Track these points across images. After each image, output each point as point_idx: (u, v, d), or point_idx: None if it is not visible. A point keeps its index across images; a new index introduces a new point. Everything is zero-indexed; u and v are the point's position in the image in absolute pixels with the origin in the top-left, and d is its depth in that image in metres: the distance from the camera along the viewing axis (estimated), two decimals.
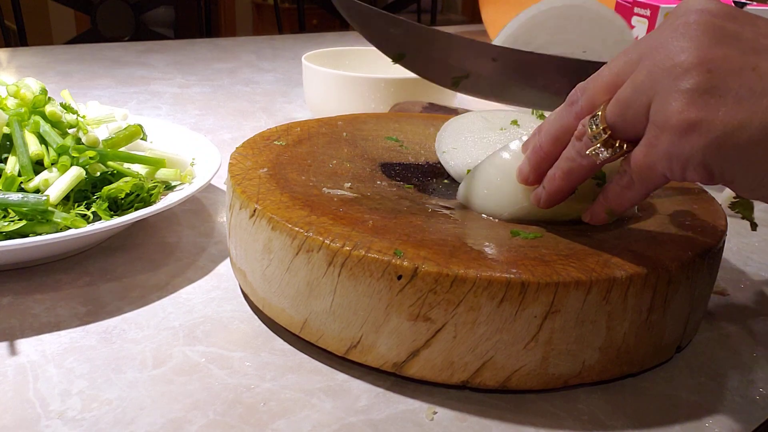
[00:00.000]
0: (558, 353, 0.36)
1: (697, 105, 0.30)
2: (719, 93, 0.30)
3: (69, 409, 0.35)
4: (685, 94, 0.30)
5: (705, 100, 0.30)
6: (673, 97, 0.31)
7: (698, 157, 0.31)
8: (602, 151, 0.35)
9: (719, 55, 0.30)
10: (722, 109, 0.30)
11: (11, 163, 0.50)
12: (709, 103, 0.30)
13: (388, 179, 0.47)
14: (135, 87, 1.03)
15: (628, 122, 0.33)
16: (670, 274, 0.37)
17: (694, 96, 0.30)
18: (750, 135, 0.29)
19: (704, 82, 0.30)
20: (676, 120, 0.31)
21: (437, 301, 0.35)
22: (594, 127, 0.35)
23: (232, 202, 0.43)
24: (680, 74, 0.31)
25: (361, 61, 0.92)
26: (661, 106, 0.31)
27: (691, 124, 0.30)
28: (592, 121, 0.35)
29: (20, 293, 0.46)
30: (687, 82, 0.30)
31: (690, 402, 0.38)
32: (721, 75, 0.30)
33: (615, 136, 0.34)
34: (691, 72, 0.30)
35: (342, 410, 0.36)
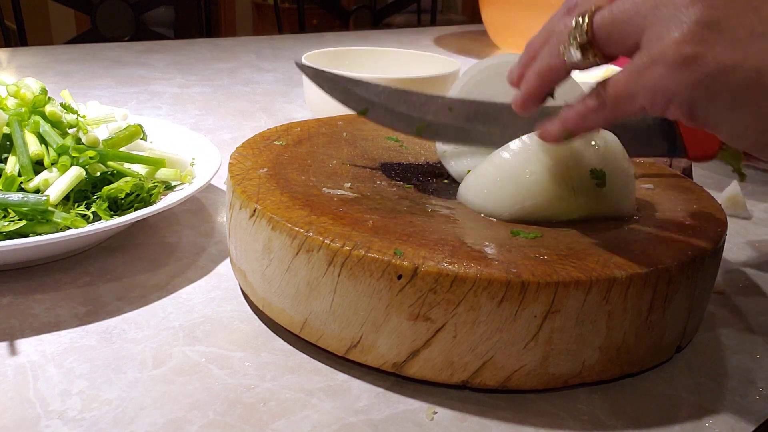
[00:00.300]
0: (558, 353, 0.36)
1: (695, 38, 0.29)
2: (719, 29, 0.29)
3: (69, 409, 0.35)
4: (685, 25, 0.30)
5: (704, 34, 0.29)
6: (673, 27, 0.30)
7: (686, 93, 0.30)
8: (575, 52, 0.33)
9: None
10: (718, 47, 0.29)
11: (11, 163, 0.50)
12: (707, 38, 0.29)
13: (388, 179, 0.47)
14: (135, 87, 1.03)
15: (614, 37, 0.32)
16: (670, 274, 0.37)
17: (694, 28, 0.30)
18: (741, 77, 0.29)
19: (705, 15, 0.29)
20: (671, 52, 0.30)
21: (437, 301, 0.35)
22: (578, 28, 0.33)
23: (232, 202, 0.43)
24: (684, 5, 0.30)
25: (361, 61, 0.92)
26: (658, 35, 0.30)
27: (686, 57, 0.30)
28: (577, 21, 0.33)
29: (20, 293, 0.46)
30: (689, 14, 0.30)
31: (690, 402, 0.38)
32: (724, 11, 0.29)
33: (595, 44, 0.33)
34: (694, 3, 0.30)
35: (342, 410, 0.36)
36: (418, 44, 1.55)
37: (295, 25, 1.99)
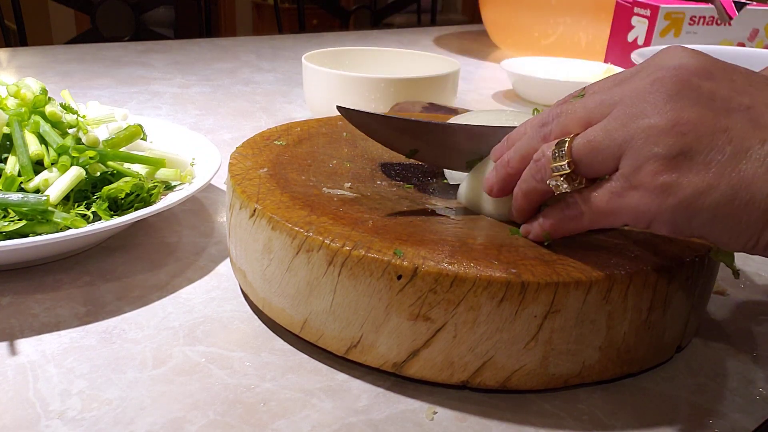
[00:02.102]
0: (558, 353, 0.36)
1: (670, 168, 0.31)
2: (690, 155, 0.31)
3: (69, 409, 0.35)
4: (658, 157, 0.31)
5: (677, 162, 0.31)
6: (647, 158, 0.32)
7: (666, 216, 0.32)
8: (563, 184, 0.35)
9: (693, 118, 0.31)
10: (692, 172, 0.31)
11: (11, 163, 0.50)
12: (681, 165, 0.31)
13: (388, 179, 0.47)
14: (135, 87, 1.03)
15: (594, 164, 0.34)
16: (670, 274, 0.37)
17: (667, 160, 0.31)
18: (717, 197, 0.30)
19: (677, 145, 0.31)
20: (648, 181, 0.32)
21: (437, 301, 0.35)
22: (558, 159, 0.35)
23: (232, 202, 0.43)
24: (655, 136, 0.31)
25: (361, 61, 0.92)
26: (634, 163, 0.32)
27: (662, 186, 0.31)
28: (557, 150, 0.35)
29: (20, 293, 0.46)
30: (661, 145, 0.31)
31: (690, 402, 0.38)
32: (694, 138, 0.31)
33: (578, 171, 0.35)
34: (664, 135, 0.31)
35: (342, 410, 0.36)
36: (418, 44, 1.55)
37: (295, 25, 1.99)
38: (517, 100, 1.07)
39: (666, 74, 0.33)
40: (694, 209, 0.31)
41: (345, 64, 0.91)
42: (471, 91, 1.13)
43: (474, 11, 1.74)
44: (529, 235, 0.39)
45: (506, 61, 1.09)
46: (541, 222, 0.38)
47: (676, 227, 0.32)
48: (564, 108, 0.36)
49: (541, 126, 0.37)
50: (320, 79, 0.79)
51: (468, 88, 1.14)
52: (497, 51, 1.51)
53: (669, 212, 0.32)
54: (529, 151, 0.38)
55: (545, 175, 0.36)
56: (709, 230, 0.32)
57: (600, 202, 0.34)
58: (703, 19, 1.12)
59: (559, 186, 0.35)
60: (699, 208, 0.31)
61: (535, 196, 0.38)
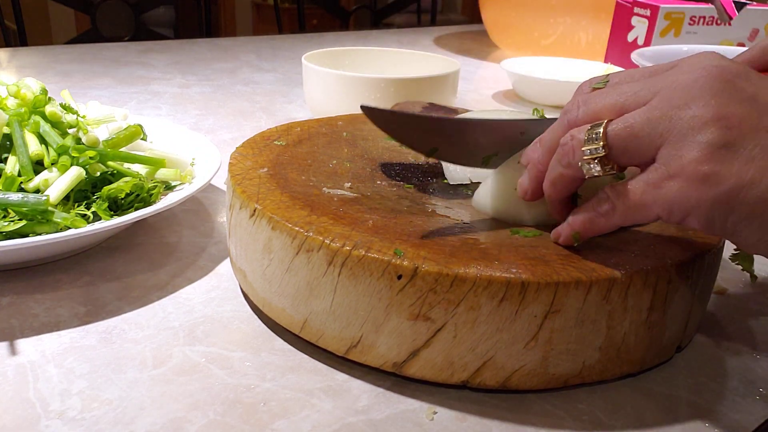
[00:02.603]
0: (558, 353, 0.36)
1: (713, 158, 0.31)
2: (734, 149, 0.31)
3: (69, 409, 0.35)
4: (702, 145, 0.31)
5: (721, 154, 0.31)
6: (691, 147, 0.31)
7: (705, 208, 0.32)
8: (595, 166, 0.35)
9: (738, 113, 0.31)
10: (735, 165, 0.31)
11: (11, 163, 0.50)
12: (724, 157, 0.31)
13: (388, 179, 0.47)
14: (135, 87, 1.03)
15: (629, 150, 0.34)
16: (670, 274, 0.37)
17: (711, 149, 0.31)
18: (758, 192, 0.30)
19: (722, 137, 0.31)
20: (691, 169, 0.31)
21: (437, 301, 0.35)
22: (593, 142, 0.34)
23: (232, 202, 0.43)
24: (699, 126, 0.31)
25: (361, 61, 0.92)
26: (676, 152, 0.32)
27: (704, 175, 0.31)
28: (591, 132, 0.34)
29: (20, 293, 0.46)
30: (706, 134, 0.31)
31: (690, 402, 0.38)
32: (738, 132, 0.31)
33: (611, 157, 0.34)
34: (710, 125, 0.31)
35: (342, 410, 0.36)
36: (418, 44, 1.55)
37: (295, 25, 1.99)
38: (517, 100, 1.07)
39: (711, 72, 0.32)
40: (734, 203, 0.31)
41: (345, 64, 0.91)
42: (471, 91, 1.13)
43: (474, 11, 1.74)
44: (558, 239, 0.38)
45: (506, 61, 1.09)
46: (571, 221, 0.37)
47: (711, 222, 0.32)
48: (592, 95, 0.36)
49: (565, 113, 0.37)
50: (320, 79, 0.79)
51: (468, 88, 1.14)
52: (497, 51, 1.51)
53: (708, 204, 0.31)
54: (555, 141, 0.37)
55: (572, 159, 0.35)
56: (744, 228, 0.32)
57: (634, 195, 0.33)
58: (703, 19, 1.12)
59: (591, 169, 0.35)
60: (739, 202, 0.31)
61: (563, 183, 0.37)
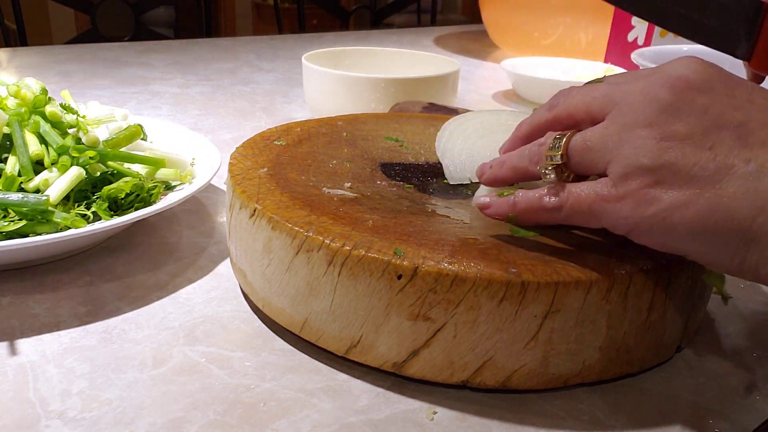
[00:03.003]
0: (558, 353, 0.36)
1: (653, 180, 0.32)
2: (674, 169, 0.31)
3: (69, 409, 0.35)
4: (644, 168, 0.32)
5: (661, 175, 0.32)
6: (634, 168, 0.32)
7: (644, 226, 0.33)
8: (551, 173, 0.36)
9: (681, 132, 0.32)
10: (674, 186, 0.32)
11: (11, 163, 0.50)
12: (664, 178, 0.32)
13: (388, 179, 0.47)
14: (135, 87, 1.03)
15: (585, 163, 0.35)
16: (670, 274, 0.37)
17: (652, 171, 0.32)
18: (693, 213, 0.31)
19: (662, 158, 0.32)
20: (633, 190, 0.32)
21: (437, 301, 0.35)
22: (555, 149, 0.36)
23: (232, 202, 0.43)
24: (642, 147, 0.32)
25: (361, 61, 0.92)
26: (622, 170, 0.33)
27: (644, 196, 0.32)
28: (555, 141, 0.36)
29: (20, 293, 0.46)
30: (648, 157, 0.32)
31: (690, 402, 0.38)
32: (679, 153, 0.31)
33: (568, 166, 0.36)
34: (652, 147, 0.32)
35: (342, 410, 0.36)
36: (418, 44, 1.55)
37: (295, 25, 1.99)
38: (517, 100, 1.07)
39: (664, 84, 0.33)
40: (670, 222, 0.32)
41: (345, 64, 0.91)
42: (471, 91, 1.13)
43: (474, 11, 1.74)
44: (488, 208, 0.39)
45: (506, 61, 1.09)
46: (513, 202, 0.38)
47: (654, 239, 0.33)
48: (574, 91, 0.38)
49: (550, 108, 0.39)
50: (320, 79, 0.79)
51: (468, 88, 1.14)
52: (497, 51, 1.51)
53: (646, 223, 0.32)
54: (534, 129, 0.39)
55: (539, 160, 0.37)
56: (689, 246, 0.32)
57: (584, 202, 0.35)
58: None
59: (547, 174, 0.36)
60: (675, 221, 0.32)
61: (522, 175, 0.39)
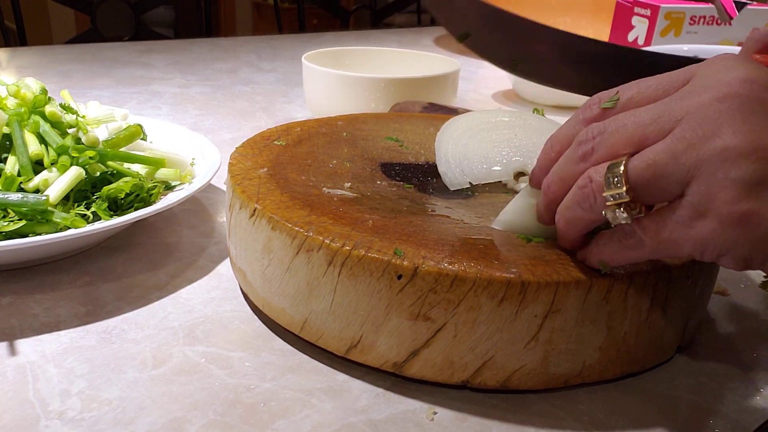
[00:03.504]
0: (558, 353, 0.36)
1: (750, 197, 0.28)
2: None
3: (69, 410, 0.35)
4: (736, 184, 0.28)
5: (758, 191, 0.28)
6: (723, 185, 0.28)
7: (743, 249, 0.29)
8: (622, 214, 0.31)
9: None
10: None
11: (11, 163, 0.50)
12: (761, 194, 0.28)
13: (388, 179, 0.47)
14: (135, 87, 1.03)
15: (656, 191, 0.30)
16: (670, 274, 0.37)
17: (747, 187, 0.28)
18: None
19: (758, 172, 0.28)
20: (725, 210, 0.28)
21: (437, 301, 0.35)
22: (614, 186, 0.31)
23: (232, 202, 0.43)
24: (731, 160, 0.28)
25: (361, 61, 0.92)
26: (707, 190, 0.29)
27: (740, 215, 0.28)
28: (611, 176, 0.31)
29: (20, 293, 0.46)
30: (739, 170, 0.28)
31: (690, 402, 0.38)
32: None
33: (636, 199, 0.31)
34: (743, 159, 0.28)
35: (342, 410, 0.36)
36: (418, 44, 1.55)
37: (295, 25, 1.99)
38: (517, 100, 1.07)
39: (738, 90, 0.29)
40: None
41: (345, 64, 0.91)
42: (471, 91, 1.13)
43: None
44: (583, 260, 0.36)
45: None
46: (596, 251, 0.35)
47: (749, 262, 0.29)
48: (608, 124, 0.32)
49: (579, 145, 0.34)
50: (320, 79, 0.79)
51: (468, 88, 1.14)
52: None
53: (748, 245, 0.29)
54: (567, 173, 0.34)
55: (594, 204, 0.32)
56: None
57: (663, 231, 0.31)
58: (703, 19, 1.12)
59: (617, 217, 0.32)
60: None
61: (582, 224, 0.35)
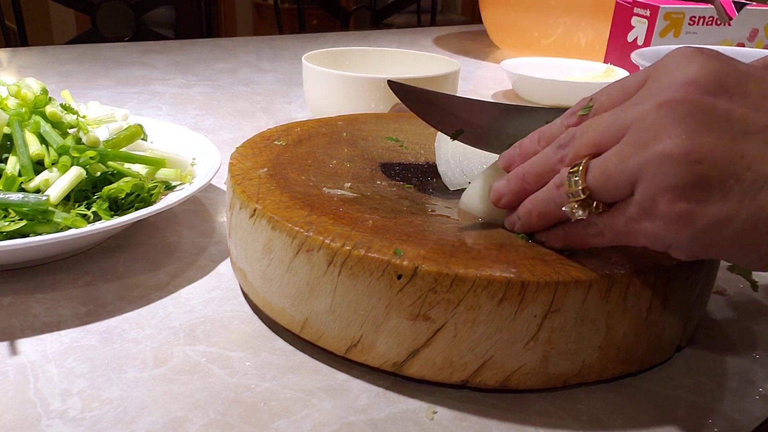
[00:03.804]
0: (558, 352, 0.36)
1: (686, 197, 0.30)
2: (707, 185, 0.30)
3: (69, 409, 0.35)
4: (673, 187, 0.30)
5: (693, 192, 0.30)
6: (662, 189, 0.30)
7: (683, 243, 0.31)
8: (578, 210, 0.34)
9: (708, 144, 0.30)
10: (710, 202, 0.30)
11: (12, 163, 0.50)
12: (697, 195, 0.30)
13: (388, 179, 0.47)
14: (135, 87, 1.03)
15: (609, 191, 0.33)
16: (669, 274, 0.37)
17: (684, 189, 0.30)
18: (737, 227, 0.30)
19: (692, 175, 0.30)
20: (664, 210, 0.31)
21: (437, 301, 0.35)
22: (573, 185, 0.34)
23: (232, 202, 0.43)
24: (667, 165, 0.30)
25: (361, 61, 0.92)
26: (649, 193, 0.31)
27: (679, 214, 0.30)
28: (570, 177, 0.34)
29: (21, 293, 0.46)
30: (676, 176, 0.30)
31: (690, 402, 0.38)
32: (710, 166, 0.30)
33: (593, 197, 0.34)
34: (678, 164, 0.30)
35: (342, 410, 0.36)
36: (418, 44, 1.55)
37: (295, 25, 1.99)
38: (517, 100, 1.07)
39: (676, 95, 0.31)
40: (712, 238, 0.30)
41: (345, 64, 0.91)
42: (471, 91, 1.13)
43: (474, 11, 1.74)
44: (545, 242, 0.38)
45: (506, 61, 1.09)
46: (563, 235, 0.37)
47: (694, 255, 0.32)
48: (580, 129, 0.35)
49: (559, 147, 0.36)
50: (320, 79, 0.79)
51: (468, 88, 1.14)
52: (497, 51, 1.51)
53: (687, 240, 0.31)
54: (545, 170, 0.37)
55: (564, 202, 0.35)
56: (728, 255, 0.31)
57: (619, 225, 0.34)
58: (702, 19, 1.12)
59: (574, 213, 0.34)
60: (718, 237, 0.30)
61: (552, 219, 0.37)
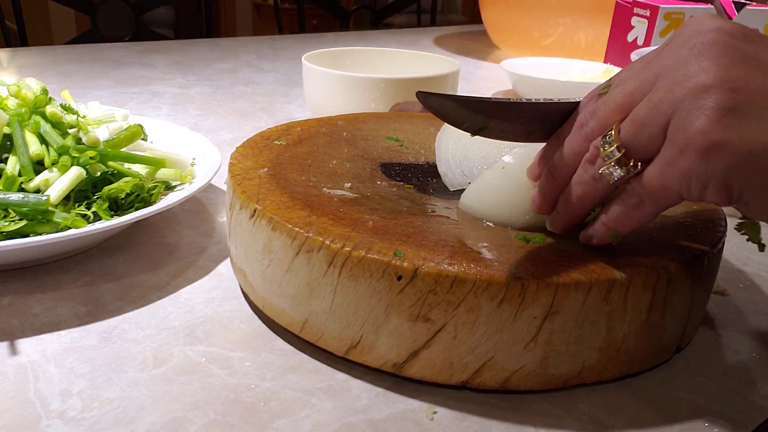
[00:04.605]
0: (558, 354, 0.36)
1: (721, 124, 0.29)
2: (743, 112, 0.29)
3: (69, 409, 0.35)
4: (708, 112, 0.29)
5: (728, 119, 0.29)
6: (695, 116, 0.30)
7: (720, 177, 0.30)
8: (616, 170, 0.33)
9: (742, 75, 0.30)
10: (746, 129, 0.29)
11: (12, 163, 0.50)
12: (732, 122, 0.29)
13: (388, 179, 0.47)
14: (135, 87, 1.03)
15: (644, 142, 0.32)
16: (670, 274, 0.37)
17: (718, 115, 0.29)
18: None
19: (728, 101, 0.29)
20: (699, 140, 0.30)
21: (437, 302, 0.35)
22: (607, 146, 0.33)
23: (232, 202, 0.43)
24: (702, 93, 0.30)
25: (361, 61, 0.92)
26: (682, 125, 0.30)
27: (714, 143, 0.29)
28: (604, 140, 0.34)
29: (20, 293, 0.46)
30: (710, 100, 0.29)
31: (690, 402, 0.38)
32: (745, 94, 0.29)
33: (629, 155, 0.33)
34: (714, 91, 0.29)
35: (342, 410, 0.36)
36: (418, 44, 1.55)
37: (295, 25, 1.99)
38: None
39: (706, 38, 0.31)
40: (750, 169, 0.29)
41: (345, 64, 0.91)
42: (471, 91, 1.13)
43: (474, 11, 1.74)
44: (591, 240, 0.37)
45: (506, 61, 1.09)
46: (605, 221, 0.36)
47: (729, 192, 0.31)
48: (600, 102, 0.35)
49: (580, 127, 0.36)
50: (320, 79, 0.79)
51: (468, 88, 1.14)
52: (497, 51, 1.51)
53: (723, 174, 0.30)
54: (571, 156, 0.36)
55: (595, 171, 0.34)
56: (759, 195, 0.30)
57: (654, 178, 0.32)
58: None
59: (612, 174, 0.33)
60: (753, 168, 0.29)
61: (593, 197, 0.36)
